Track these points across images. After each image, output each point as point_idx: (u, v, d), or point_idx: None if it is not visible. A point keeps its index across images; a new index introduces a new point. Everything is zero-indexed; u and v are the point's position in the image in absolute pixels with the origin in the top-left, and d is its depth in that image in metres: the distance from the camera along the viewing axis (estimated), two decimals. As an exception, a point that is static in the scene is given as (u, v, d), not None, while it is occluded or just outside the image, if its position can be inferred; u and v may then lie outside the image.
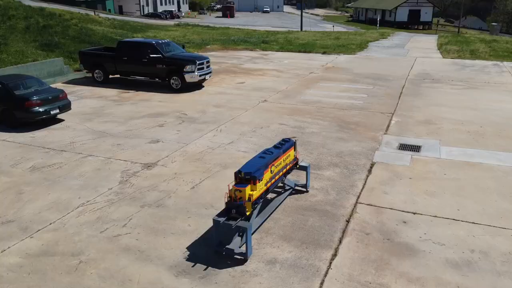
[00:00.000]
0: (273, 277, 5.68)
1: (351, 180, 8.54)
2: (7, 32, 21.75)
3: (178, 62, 16.47)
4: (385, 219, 7.06)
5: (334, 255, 6.14)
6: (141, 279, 5.73)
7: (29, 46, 20.97)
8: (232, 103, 14.75)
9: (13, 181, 8.88)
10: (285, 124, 12.32)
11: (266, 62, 23.54)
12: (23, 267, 6.03)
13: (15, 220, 7.31)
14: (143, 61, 16.84)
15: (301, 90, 16.66)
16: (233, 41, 31.26)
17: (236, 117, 13.12)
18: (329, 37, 35.60)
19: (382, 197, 7.79)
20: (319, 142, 10.79)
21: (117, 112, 13.90)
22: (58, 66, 19.39)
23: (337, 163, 9.44)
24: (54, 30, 24.61)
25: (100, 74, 18.23)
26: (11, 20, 23.54)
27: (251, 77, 19.45)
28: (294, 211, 7.38)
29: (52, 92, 12.98)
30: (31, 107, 12.20)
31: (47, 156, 10.22)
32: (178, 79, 16.52)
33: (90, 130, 12.14)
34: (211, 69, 17.64)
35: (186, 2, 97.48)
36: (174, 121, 12.77)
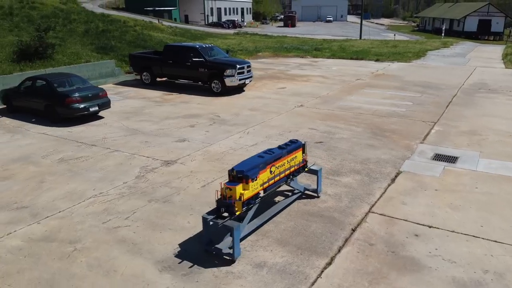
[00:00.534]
0: (256, 281, 5.35)
1: (369, 188, 7.94)
2: (66, 35, 23.35)
3: (219, 66, 16.61)
4: (396, 230, 6.43)
5: (328, 264, 5.67)
6: (126, 271, 5.66)
7: (85, 49, 22.33)
8: (268, 107, 14.55)
9: (39, 170, 9.32)
10: (315, 129, 11.87)
11: (313, 69, 23.10)
12: (22, 250, 6.22)
13: (29, 206, 7.62)
14: (187, 65, 17.20)
15: (342, 96, 16.05)
16: (285, 48, 31.14)
17: (267, 120, 12.89)
18: (386, 45, 34.26)
19: (398, 208, 7.14)
20: (346, 148, 10.23)
21: (155, 112, 14.25)
22: (110, 68, 20.41)
23: (359, 170, 8.86)
24: (112, 34, 26.04)
25: (147, 77, 18.92)
26: (72, 24, 25.26)
27: (294, 82, 19.14)
28: (298, 216, 6.98)
29: (92, 90, 13.60)
30: (71, 103, 12.85)
31: (77, 150, 10.64)
32: (218, 83, 16.65)
33: (125, 128, 12.52)
34: (252, 74, 17.60)
35: (250, 12, 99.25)
36: (206, 122, 12.81)
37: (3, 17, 22.84)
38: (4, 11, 23.58)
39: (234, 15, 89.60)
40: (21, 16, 23.28)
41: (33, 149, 10.74)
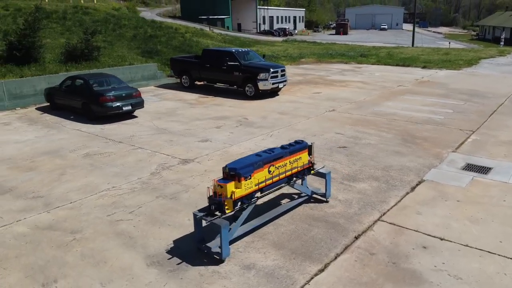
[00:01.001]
0: (240, 283, 5.11)
1: (384, 196, 7.43)
2: (114, 39, 24.41)
3: (253, 70, 16.56)
4: (403, 241, 5.92)
5: (320, 271, 5.31)
6: (115, 263, 5.64)
7: (131, 52, 23.20)
8: (298, 111, 14.25)
9: (64, 163, 9.68)
10: (342, 133, 11.41)
11: (355, 74, 22.44)
12: (26, 236, 6.41)
13: (44, 196, 7.88)
14: (223, 68, 17.31)
15: (379, 102, 15.38)
16: (330, 54, 30.60)
17: (293, 124, 12.61)
18: (437, 52, 32.60)
19: (411, 218, 6.59)
20: (370, 154, 9.71)
21: (187, 114, 14.43)
22: (152, 71, 21.04)
23: (378, 176, 8.34)
24: (158, 40, 26.90)
25: (186, 80, 19.27)
26: (122, 29, 26.37)
27: (331, 87, 18.67)
28: (301, 220, 6.65)
29: (126, 90, 14.02)
30: (105, 102, 13.31)
31: (103, 146, 10.96)
32: (252, 87, 16.60)
33: (154, 127, 12.76)
34: (286, 78, 17.38)
35: (302, 21, 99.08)
36: (232, 124, 12.76)
37: (56, 21, 24.36)
38: (58, 15, 25.14)
39: (286, 23, 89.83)
40: (74, 21, 24.70)
41: (64, 144, 11.19)
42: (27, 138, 11.87)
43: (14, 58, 17.51)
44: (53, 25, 24.02)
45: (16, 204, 7.57)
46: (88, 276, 5.36)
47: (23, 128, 13.14)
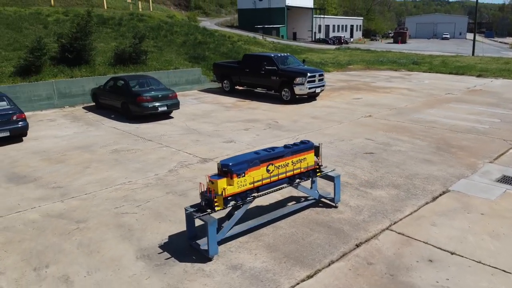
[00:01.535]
0: (222, 283, 4.91)
1: (400, 205, 6.89)
2: (164, 45, 25.23)
3: (290, 74, 16.34)
4: (408, 252, 5.41)
5: (308, 277, 4.97)
6: (107, 254, 5.67)
7: (179, 57, 23.85)
8: (331, 116, 13.81)
9: (91, 158, 10.03)
10: (372, 139, 10.85)
11: (402, 81, 21.45)
12: (35, 223, 6.65)
13: (63, 187, 8.18)
14: (261, 73, 17.26)
15: (421, 109, 14.52)
16: (380, 61, 29.56)
17: (324, 128, 12.21)
18: (497, 62, 30.35)
19: (424, 229, 6.03)
20: (397, 161, 9.11)
21: (220, 116, 14.50)
22: (197, 75, 21.47)
23: (399, 184, 7.77)
24: (207, 46, 27.45)
25: (227, 84, 19.43)
26: (173, 35, 27.23)
27: (374, 94, 17.95)
28: (303, 224, 6.32)
29: (163, 91, 14.35)
30: (142, 102, 13.71)
31: (133, 143, 11.25)
32: (288, 91, 16.37)
33: (185, 127, 12.93)
34: (324, 83, 16.96)
35: (359, 30, 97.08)
36: (261, 127, 12.61)
37: (112, 27, 25.65)
38: (114, 21, 26.48)
39: (342, 32, 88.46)
40: (128, 27, 25.88)
41: (98, 140, 11.63)
42: (66, 134, 12.49)
43: (66, 60, 18.63)
44: (108, 30, 25.34)
45: (36, 192, 7.91)
46: (78, 264, 5.42)
47: (66, 124, 13.87)
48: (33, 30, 21.41)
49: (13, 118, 11.48)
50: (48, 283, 5.00)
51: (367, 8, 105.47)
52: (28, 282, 5.03)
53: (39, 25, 22.89)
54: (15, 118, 11.52)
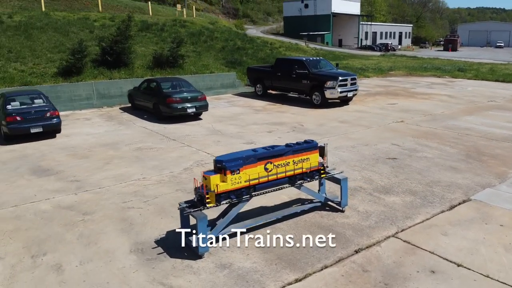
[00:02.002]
0: (206, 280, 4.79)
1: (412, 212, 6.45)
2: (203, 50, 25.63)
3: (321, 77, 16.01)
4: (409, 261, 5.02)
5: (297, 281, 4.74)
6: (103, 245, 5.72)
7: (216, 62, 24.14)
8: (360, 121, 13.35)
9: (115, 154, 10.28)
10: (399, 145, 10.34)
11: (443, 88, 20.43)
12: (45, 213, 6.86)
13: (80, 181, 8.42)
14: (292, 77, 17.06)
15: (458, 116, 13.71)
16: (424, 68, 28.38)
17: (349, 132, 11.81)
18: (555, 69, 28.25)
19: (433, 238, 5.59)
20: (420, 167, 8.60)
21: (247, 119, 14.46)
22: (231, 79, 21.61)
23: (417, 191, 7.31)
24: (245, 51, 27.60)
25: (260, 88, 19.39)
26: (213, 41, 27.62)
27: (411, 99, 17.21)
28: (305, 226, 6.07)
29: (192, 93, 14.51)
30: (171, 103, 13.95)
31: (157, 142, 11.43)
32: (319, 95, 16.04)
33: (211, 129, 13.00)
34: (357, 87, 16.46)
35: (409, 37, 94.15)
36: (284, 130, 12.42)
37: (154, 32, 26.44)
38: (157, 27, 27.28)
39: (390, 39, 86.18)
40: (170, 32, 26.56)
41: (125, 138, 11.93)
42: (97, 132, 12.94)
43: (106, 62, 19.38)
44: (150, 35, 26.14)
45: (54, 185, 8.19)
46: (74, 253, 5.50)
47: (99, 123, 14.37)
48: (79, 34, 22.49)
49: (46, 115, 12.03)
50: (41, 270, 5.10)
51: (417, 15, 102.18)
52: (23, 268, 5.16)
53: (86, 29, 24.01)
54: (48, 115, 12.07)
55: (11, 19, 22.25)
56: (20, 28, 21.52)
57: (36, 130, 11.80)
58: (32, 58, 19.21)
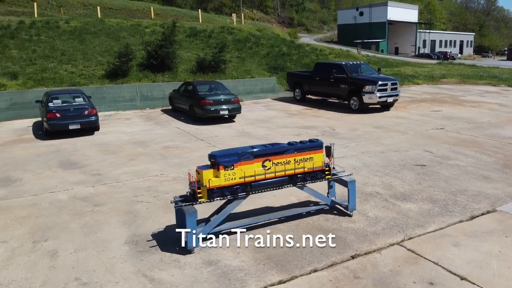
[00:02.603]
0: (189, 276, 4.68)
1: (426, 220, 5.95)
2: (248, 55, 25.81)
3: (359, 82, 15.49)
4: (407, 271, 4.60)
5: (281, 283, 4.50)
6: (102, 236, 5.80)
7: (259, 68, 24.20)
8: (397, 127, 12.72)
9: (142, 152, 10.53)
10: (431, 152, 9.68)
11: (496, 96, 19.02)
12: (60, 203, 7.11)
13: (101, 175, 8.68)
14: (330, 81, 16.68)
15: (504, 125, 12.67)
16: (479, 76, 26.66)
17: (382, 138, 11.27)
18: None
19: (442, 248, 5.10)
20: (448, 175, 7.97)
21: (279, 122, 14.30)
22: (271, 84, 21.56)
23: (438, 199, 6.75)
24: (290, 57, 27.47)
25: (299, 93, 19.16)
26: (258, 47, 27.77)
27: (457, 107, 16.17)
28: (306, 229, 5.79)
29: (226, 96, 14.60)
30: (205, 105, 14.12)
31: (185, 141, 11.59)
32: (357, 100, 15.52)
33: (241, 131, 12.99)
34: (398, 92, 15.72)
35: (470, 46, 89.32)
36: (313, 133, 12.10)
37: (202, 38, 27.07)
38: (205, 34, 27.92)
39: (450, 47, 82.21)
40: (217, 39, 27.06)
41: (156, 137, 12.22)
42: (132, 130, 13.37)
43: (151, 66, 20.08)
44: (197, 41, 26.81)
45: (77, 177, 8.51)
46: (72, 241, 5.62)
47: (137, 123, 14.86)
48: (129, 39, 23.52)
49: (84, 113, 12.61)
50: (37, 255, 5.25)
51: (480, 23, 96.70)
52: (22, 252, 5.34)
53: (136, 35, 25.09)
54: (86, 113, 12.64)
55: (68, 24, 23.76)
56: (75, 33, 22.92)
57: (74, 126, 12.39)
58: (83, 60, 20.34)
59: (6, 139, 12.49)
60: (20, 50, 19.53)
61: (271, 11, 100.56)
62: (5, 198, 7.35)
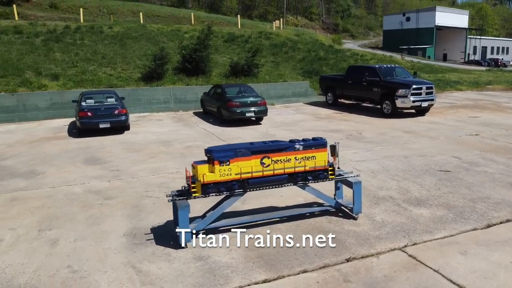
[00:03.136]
0: (176, 269, 4.64)
1: (437, 227, 5.56)
2: (283, 60, 25.72)
3: (392, 85, 14.95)
4: (403, 278, 4.30)
5: (265, 281, 4.34)
6: (104, 227, 5.89)
7: (293, 72, 24.03)
8: (428, 132, 12.14)
9: (163, 150, 10.70)
10: (460, 158, 9.12)
11: (546, 104, 17.71)
12: (74, 195, 7.33)
13: (120, 171, 8.88)
14: (363, 85, 16.25)
15: (549, 133, 11.72)
16: (530, 82, 25.03)
17: (409, 143, 10.78)
18: None
19: (447, 256, 4.73)
20: (473, 182, 7.45)
21: (306, 125, 14.10)
22: (304, 88, 21.32)
23: (454, 206, 6.31)
24: (327, 62, 27.08)
25: (331, 97, 18.84)
26: (294, 52, 27.61)
27: (498, 113, 15.23)
28: (306, 230, 5.58)
29: (253, 98, 14.58)
30: (231, 107, 14.19)
31: (207, 141, 11.65)
32: (389, 104, 14.99)
33: (265, 133, 12.92)
34: (434, 97, 15.02)
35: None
36: (338, 137, 11.78)
37: (239, 43, 27.30)
38: (242, 39, 28.15)
39: (503, 54, 77.97)
40: (254, 44, 27.15)
41: (182, 137, 12.40)
42: (161, 131, 13.65)
43: (185, 69, 20.48)
44: (234, 46, 27.09)
45: (96, 172, 8.76)
46: (74, 231, 5.75)
47: (167, 124, 15.18)
48: (168, 44, 24.14)
49: (114, 112, 13.01)
50: (39, 242, 5.41)
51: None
52: (25, 239, 5.52)
53: (175, 40, 25.70)
54: (116, 112, 13.04)
55: (111, 30, 24.77)
56: (117, 37, 23.83)
57: (104, 125, 12.80)
58: (122, 64, 21.09)
59: (42, 136, 13.14)
60: (63, 53, 20.57)
61: (315, 18, 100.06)
62: (25, 189, 7.68)
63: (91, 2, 47.02)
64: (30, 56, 19.57)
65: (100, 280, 4.45)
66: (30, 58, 19.37)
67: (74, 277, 4.53)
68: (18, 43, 20.66)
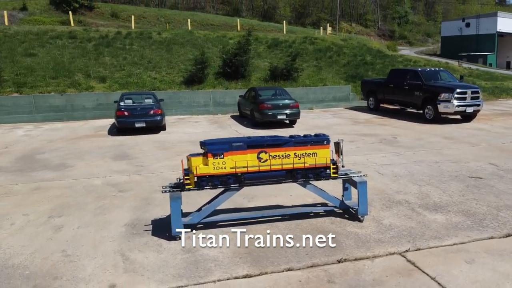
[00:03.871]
0: (162, 260, 4.62)
1: (448, 233, 5.11)
2: (326, 64, 25.28)
3: (434, 89, 14.16)
4: (393, 283, 3.96)
5: (245, 277, 4.20)
6: (108, 217, 6.01)
7: (336, 76, 23.54)
8: (469, 138, 11.35)
9: (189, 149, 10.42)
10: (496, 165, 8.41)
11: None
12: (92, 187, 7.59)
13: (143, 166, 9.10)
14: (404, 88, 15.57)
15: None
16: None
17: (446, 148, 10.14)
18: None
19: (451, 263, 4.31)
20: (504, 189, 6.81)
21: (339, 129, 13.72)
22: (345, 92, 20.80)
23: (475, 213, 5.79)
24: (372, 67, 26.27)
25: (372, 102, 18.24)
26: (339, 56, 27.07)
27: (554, 122, 13.92)
28: (306, 229, 5.36)
29: (285, 101, 14.45)
30: (263, 109, 14.15)
31: (234, 143, 11.67)
32: (431, 109, 14.22)
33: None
34: (480, 102, 14.01)
35: None
36: (369, 141, 11.36)
37: (282, 49, 27.23)
38: (286, 44, 28.07)
39: None
40: (297, 49, 26.97)
41: (211, 138, 12.48)
42: (195, 131, 13.92)
43: (226, 73, 20.75)
44: (277, 51, 27.08)
45: (121, 167, 9.04)
46: (80, 219, 5.93)
47: (203, 125, 15.45)
48: (212, 49, 24.62)
49: (150, 112, 13.42)
50: (45, 228, 5.62)
51: None
52: (35, 224, 5.77)
53: (220, 45, 26.16)
54: (152, 113, 13.45)
55: (159, 36, 25.70)
56: (164, 43, 24.68)
57: (140, 125, 13.24)
58: (167, 68, 21.78)
59: (83, 134, 13.83)
60: (112, 57, 21.61)
61: (371, 24, 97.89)
62: (50, 180, 8.08)
63: (149, 11, 49.19)
64: (81, 59, 20.77)
65: (87, 265, 4.52)
66: (81, 61, 20.56)
67: (64, 260, 4.64)
68: (71, 47, 22.01)
